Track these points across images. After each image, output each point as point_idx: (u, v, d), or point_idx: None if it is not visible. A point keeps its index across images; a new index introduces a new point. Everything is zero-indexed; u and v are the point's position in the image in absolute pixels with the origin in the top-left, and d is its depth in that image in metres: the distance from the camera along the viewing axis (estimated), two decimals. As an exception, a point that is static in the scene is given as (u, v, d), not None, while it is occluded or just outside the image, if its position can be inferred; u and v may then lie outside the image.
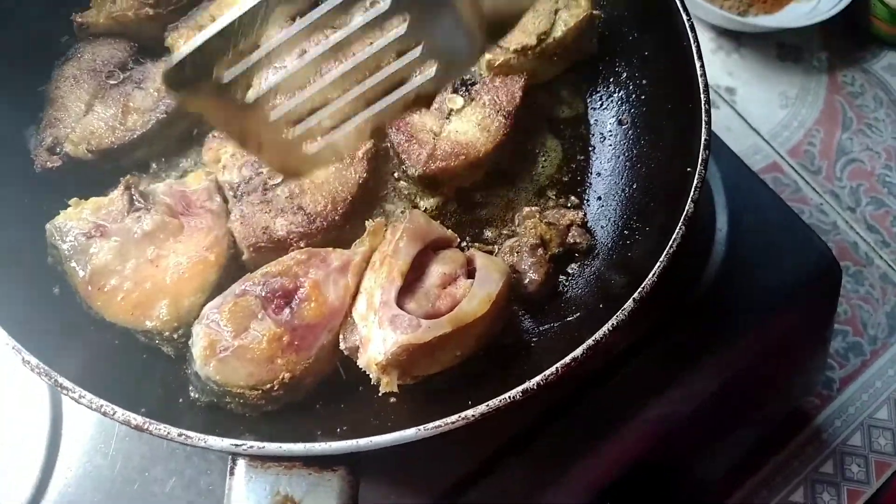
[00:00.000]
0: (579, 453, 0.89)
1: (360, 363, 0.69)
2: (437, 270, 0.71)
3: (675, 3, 0.82)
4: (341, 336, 0.72)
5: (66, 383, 0.60)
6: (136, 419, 0.59)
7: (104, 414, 0.59)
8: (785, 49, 1.49)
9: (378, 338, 0.66)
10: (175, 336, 0.72)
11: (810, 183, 1.40)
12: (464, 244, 0.83)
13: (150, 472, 0.81)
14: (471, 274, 0.72)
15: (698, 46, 0.80)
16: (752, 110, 1.43)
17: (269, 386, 0.68)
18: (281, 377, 0.68)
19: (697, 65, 0.80)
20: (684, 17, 0.82)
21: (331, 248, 0.76)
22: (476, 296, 0.69)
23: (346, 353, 0.72)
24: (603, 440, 0.90)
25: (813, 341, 1.16)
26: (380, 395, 0.68)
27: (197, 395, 0.70)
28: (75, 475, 0.80)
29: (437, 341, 0.66)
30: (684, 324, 0.97)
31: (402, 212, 0.84)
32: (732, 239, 1.04)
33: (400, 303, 0.69)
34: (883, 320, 1.30)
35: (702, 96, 0.78)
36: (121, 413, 0.59)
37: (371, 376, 0.69)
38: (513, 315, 0.79)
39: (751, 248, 1.05)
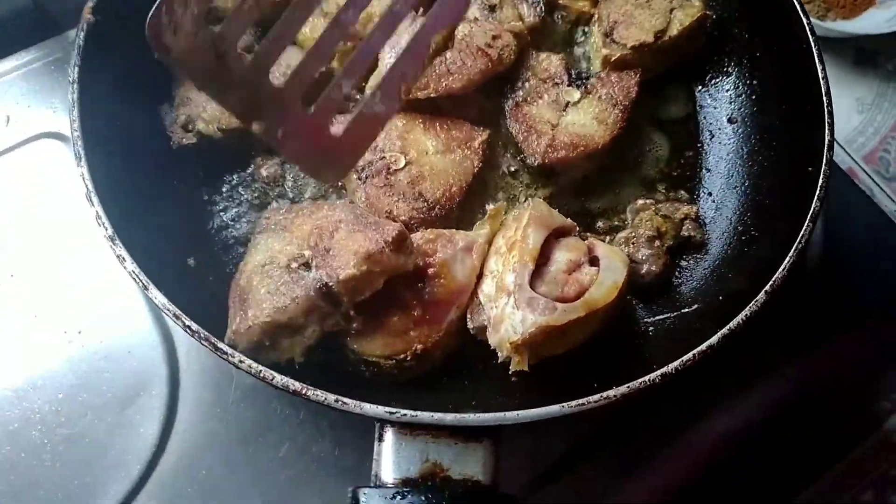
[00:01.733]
0: (658, 453, 0.90)
1: (492, 342, 0.71)
2: (562, 257, 0.73)
3: (795, 7, 0.84)
4: (469, 316, 0.74)
5: (227, 349, 0.63)
6: (295, 385, 0.61)
7: (263, 379, 0.62)
8: (863, 54, 1.48)
9: (515, 318, 0.68)
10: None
11: (885, 189, 1.40)
12: (579, 233, 0.85)
13: (264, 438, 0.83)
14: (593, 262, 0.74)
15: (819, 49, 0.81)
16: (830, 116, 1.44)
17: (402, 356, 0.71)
18: (413, 348, 0.71)
19: (819, 67, 0.81)
20: (804, 21, 0.83)
21: (454, 230, 0.78)
22: (604, 283, 0.71)
23: (472, 332, 0.75)
24: (685, 440, 0.91)
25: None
26: (508, 373, 0.70)
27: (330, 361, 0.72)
28: (193, 437, 0.84)
29: (570, 324, 0.68)
30: (774, 325, 0.98)
31: (524, 200, 0.86)
32: (827, 242, 1.04)
33: (531, 286, 0.71)
34: (952, 331, 1.30)
35: (824, 98, 0.79)
36: (279, 378, 0.62)
37: (500, 355, 0.71)
38: (627, 304, 0.81)
39: (845, 252, 1.05)
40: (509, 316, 0.69)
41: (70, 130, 0.74)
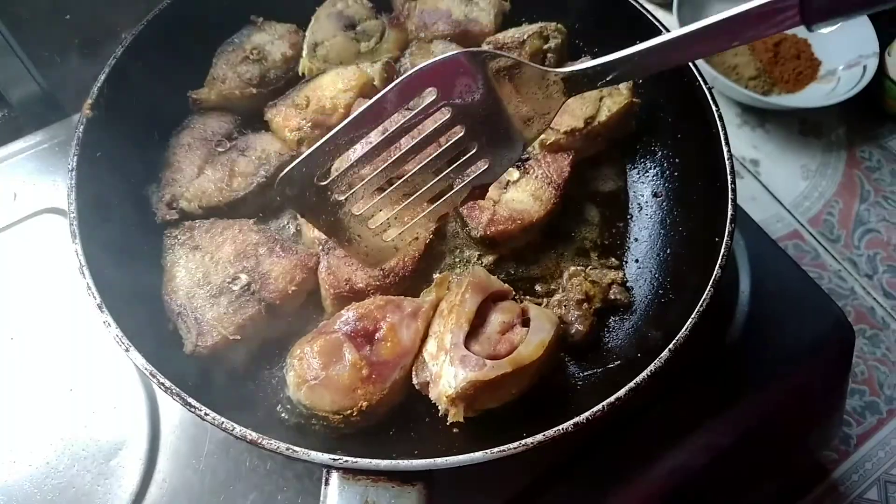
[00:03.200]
0: (601, 499, 0.96)
1: (432, 396, 0.80)
2: (496, 319, 0.83)
3: (706, 97, 0.95)
4: (414, 372, 0.84)
5: (194, 403, 0.72)
6: (252, 435, 0.70)
7: (224, 430, 0.71)
8: (806, 125, 1.61)
9: (449, 374, 0.78)
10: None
11: (829, 251, 1.50)
12: (517, 297, 0.95)
13: (234, 487, 0.91)
14: (525, 323, 0.84)
15: (726, 135, 0.92)
16: (776, 181, 1.55)
17: (349, 412, 0.80)
18: (359, 405, 0.80)
19: (725, 150, 0.92)
20: (713, 108, 0.95)
21: (403, 297, 0.88)
22: (531, 342, 0.80)
23: (417, 387, 0.84)
24: (626, 485, 0.98)
25: (829, 397, 1.23)
26: (447, 424, 0.79)
27: (286, 416, 0.82)
28: (170, 486, 0.92)
29: (500, 379, 0.78)
30: (708, 377, 1.06)
31: (464, 267, 0.96)
32: (754, 301, 1.13)
33: (466, 345, 0.81)
34: (898, 381, 1.38)
35: (728, 177, 0.90)
36: (239, 429, 0.71)
37: (440, 408, 0.80)
38: (560, 361, 0.90)
39: (771, 310, 1.14)
40: (445, 372, 0.79)
41: (67, 211, 0.85)
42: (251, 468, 0.93)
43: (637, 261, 0.99)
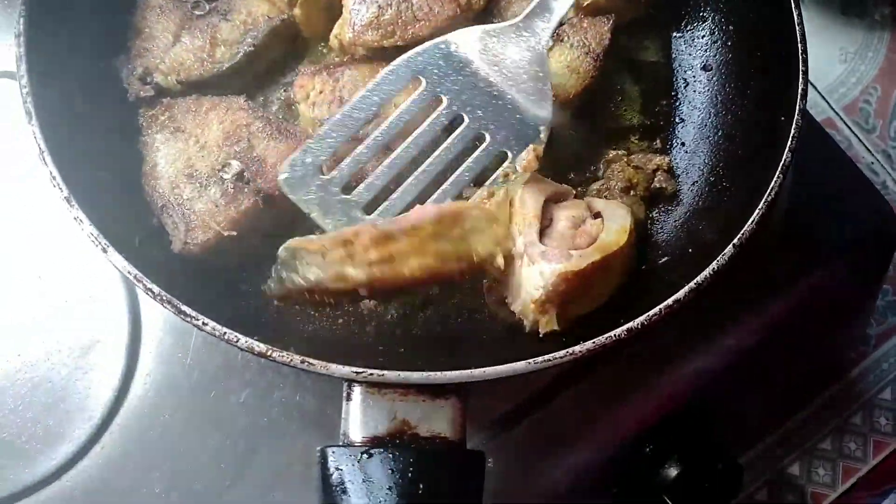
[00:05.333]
0: (626, 394, 0.92)
1: (515, 310, 0.72)
2: (563, 215, 0.73)
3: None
4: (486, 294, 0.75)
5: (191, 312, 0.62)
6: (259, 346, 0.61)
7: (227, 341, 0.61)
8: (849, 2, 1.46)
9: (533, 274, 0.67)
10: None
11: (863, 141, 1.40)
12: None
13: (226, 383, 0.84)
14: (595, 217, 0.74)
15: (797, -7, 0.79)
16: (811, 64, 1.40)
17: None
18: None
19: (795, 13, 0.79)
20: (781, -37, 0.80)
21: None
22: (612, 229, 0.71)
23: (492, 308, 0.75)
24: (651, 382, 0.93)
25: (862, 296, 1.18)
26: (540, 336, 0.70)
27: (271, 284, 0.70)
28: (154, 381, 0.84)
29: (590, 271, 0.68)
30: (740, 273, 0.99)
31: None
32: (795, 191, 1.04)
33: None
34: (924, 282, 1.33)
35: (799, 45, 0.78)
36: (244, 340, 0.61)
37: (526, 323, 0.71)
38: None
39: (812, 200, 1.05)
40: (527, 276, 0.68)
41: (19, 87, 0.70)
42: (244, 363, 0.84)
43: (684, 144, 0.88)
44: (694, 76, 0.91)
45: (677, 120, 0.89)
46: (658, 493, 0.92)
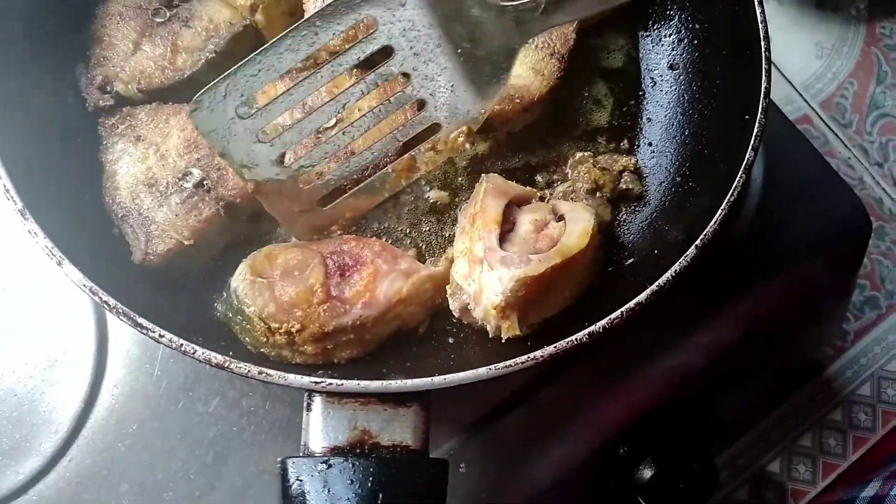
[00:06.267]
0: (599, 395, 0.91)
1: (477, 316, 0.71)
2: (527, 219, 0.73)
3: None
4: (450, 300, 0.74)
5: (147, 324, 0.61)
6: (217, 357, 0.60)
7: (184, 353, 0.61)
8: (824, -3, 1.46)
9: (493, 280, 0.67)
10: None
11: (840, 136, 1.40)
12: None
13: (194, 392, 0.84)
14: (559, 219, 0.74)
15: (759, -10, 0.79)
16: (787, 60, 1.41)
17: (277, 325, 0.68)
18: (291, 325, 0.68)
19: (758, 10, 0.79)
20: (744, -41, 0.80)
21: (405, 252, 0.77)
22: (574, 231, 0.71)
23: (457, 315, 0.74)
24: (625, 382, 0.92)
25: (837, 292, 1.18)
26: (502, 340, 0.69)
27: (218, 308, 0.73)
28: (122, 392, 0.84)
29: (550, 274, 0.68)
30: (713, 270, 0.98)
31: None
32: (767, 188, 1.04)
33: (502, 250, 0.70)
34: (901, 276, 1.33)
35: (762, 43, 0.77)
36: (201, 352, 0.60)
37: (489, 329, 0.71)
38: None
39: (784, 197, 1.05)
40: (486, 281, 0.68)
41: (-28, 97, 0.70)
42: (212, 373, 0.84)
43: (651, 144, 0.88)
44: (661, 75, 0.91)
45: (644, 120, 0.89)
46: (633, 494, 0.91)
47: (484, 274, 0.68)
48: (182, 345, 0.61)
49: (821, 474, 1.25)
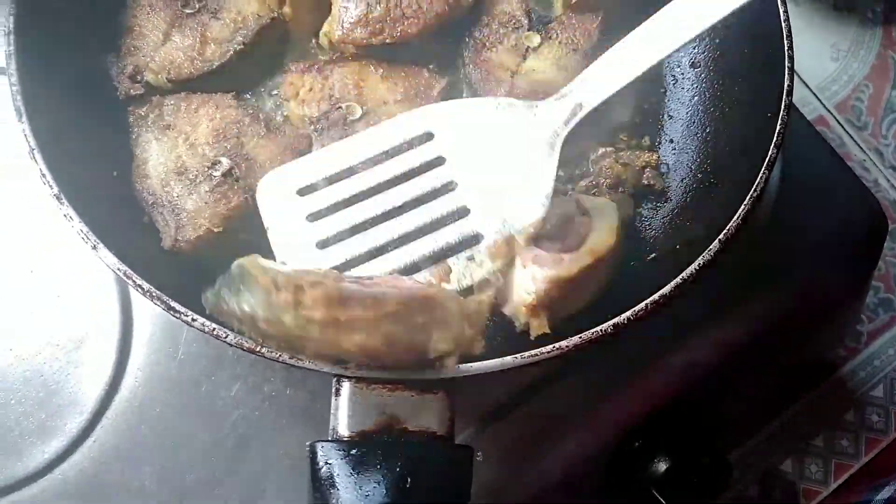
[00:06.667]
0: (614, 389, 0.92)
1: (507, 311, 0.71)
2: (553, 213, 0.72)
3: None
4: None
5: (181, 308, 0.62)
6: (248, 343, 0.61)
7: (217, 337, 0.62)
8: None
9: (525, 279, 0.67)
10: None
11: (855, 139, 1.40)
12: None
13: (216, 377, 0.85)
14: (583, 214, 0.74)
15: (783, -10, 0.79)
16: (803, 62, 1.40)
17: (284, 280, 0.59)
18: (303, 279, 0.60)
19: (781, 9, 0.79)
20: (768, -41, 0.81)
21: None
22: (601, 228, 0.71)
23: None
24: (639, 377, 0.94)
25: (851, 293, 1.18)
26: (532, 339, 0.69)
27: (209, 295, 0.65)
28: (146, 375, 0.85)
29: (581, 274, 0.68)
30: (728, 267, 0.99)
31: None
32: (784, 186, 1.05)
33: None
34: (916, 278, 1.33)
35: (785, 42, 0.78)
36: (233, 337, 0.61)
37: (517, 325, 0.71)
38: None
39: (801, 196, 1.05)
40: (518, 279, 0.69)
41: (9, 84, 0.71)
42: (235, 357, 0.85)
43: (672, 141, 0.88)
44: (682, 73, 0.91)
45: (666, 117, 0.90)
46: (647, 487, 0.92)
47: (516, 271, 0.69)
48: (215, 329, 0.62)
49: (833, 475, 1.25)
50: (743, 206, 0.70)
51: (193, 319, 0.62)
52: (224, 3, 0.85)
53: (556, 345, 0.63)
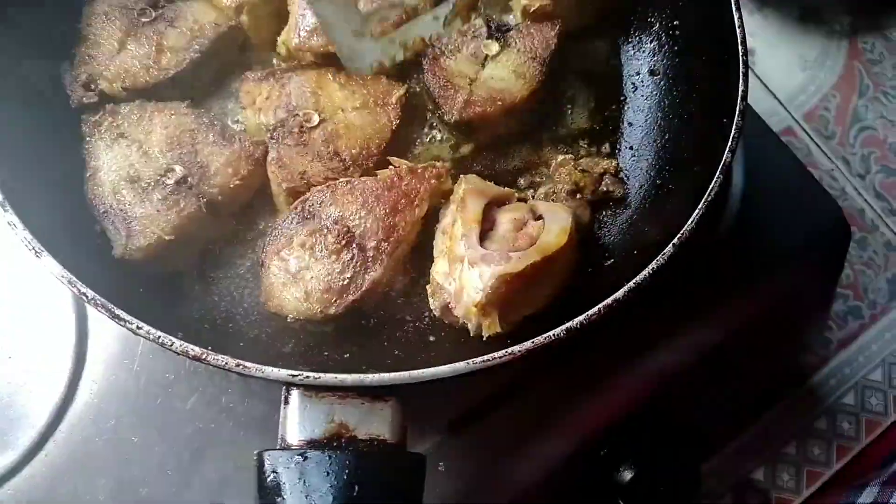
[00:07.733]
0: (580, 397, 0.91)
1: (458, 314, 0.71)
2: (506, 218, 0.74)
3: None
4: (430, 299, 0.74)
5: (125, 315, 0.61)
6: (195, 350, 0.60)
7: (161, 345, 0.61)
8: (807, 11, 1.47)
9: (473, 278, 0.68)
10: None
11: (822, 148, 1.42)
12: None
13: (173, 389, 0.84)
14: (537, 218, 0.75)
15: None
16: (771, 73, 1.43)
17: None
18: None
19: (735, 15, 0.80)
20: (722, -33, 0.82)
21: None
22: (552, 230, 0.72)
23: (438, 315, 0.75)
24: (605, 385, 0.93)
25: (817, 300, 1.19)
26: (484, 339, 0.70)
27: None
28: (101, 388, 0.84)
29: (530, 272, 0.68)
30: (694, 275, 0.99)
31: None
32: (747, 195, 1.05)
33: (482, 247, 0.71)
34: (884, 286, 1.33)
35: (740, 47, 0.79)
36: (178, 344, 0.60)
37: (470, 327, 0.71)
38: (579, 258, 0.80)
39: (765, 205, 1.06)
40: (467, 279, 0.69)
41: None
42: (191, 370, 0.84)
43: (632, 147, 0.89)
44: (642, 80, 0.92)
45: (625, 124, 0.90)
46: (613, 495, 0.91)
47: (465, 271, 0.69)
48: (160, 337, 0.61)
49: (805, 482, 1.25)
50: (697, 211, 0.70)
51: (139, 328, 0.61)
52: (181, 11, 0.85)
53: (509, 350, 0.62)
